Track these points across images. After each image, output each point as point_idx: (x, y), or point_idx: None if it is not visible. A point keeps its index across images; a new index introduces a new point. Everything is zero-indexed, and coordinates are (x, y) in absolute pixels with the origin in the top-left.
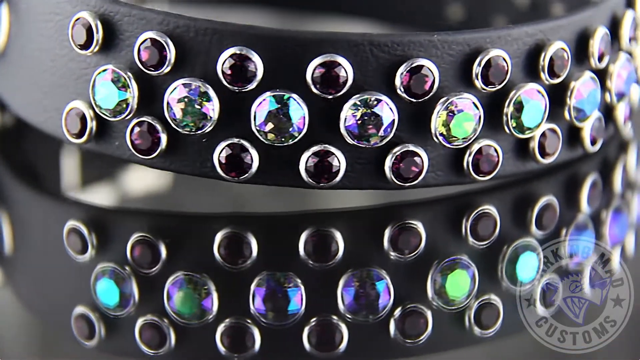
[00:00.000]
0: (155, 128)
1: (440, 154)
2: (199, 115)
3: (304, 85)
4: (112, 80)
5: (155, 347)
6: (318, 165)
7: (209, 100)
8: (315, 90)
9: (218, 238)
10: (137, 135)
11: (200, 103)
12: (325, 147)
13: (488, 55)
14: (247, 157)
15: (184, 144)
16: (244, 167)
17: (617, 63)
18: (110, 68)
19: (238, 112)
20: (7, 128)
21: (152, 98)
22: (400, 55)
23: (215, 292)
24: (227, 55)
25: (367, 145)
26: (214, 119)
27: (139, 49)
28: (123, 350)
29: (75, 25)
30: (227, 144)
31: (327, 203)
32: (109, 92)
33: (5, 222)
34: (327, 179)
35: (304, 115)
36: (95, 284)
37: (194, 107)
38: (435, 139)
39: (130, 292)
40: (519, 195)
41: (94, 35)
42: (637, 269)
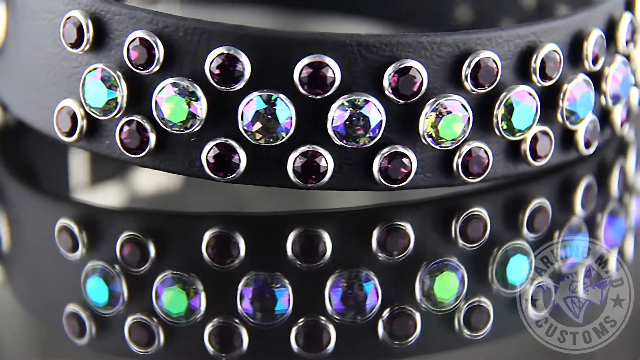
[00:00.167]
0: (144, 127)
1: (430, 156)
2: (187, 115)
3: (292, 86)
4: (101, 79)
5: (145, 345)
6: (305, 166)
7: (197, 100)
8: (303, 91)
9: (206, 238)
10: (126, 134)
11: (189, 102)
12: (313, 147)
13: (478, 57)
14: (235, 157)
15: (173, 143)
16: (232, 167)
17: (612, 66)
18: (100, 67)
19: (226, 111)
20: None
21: (141, 97)
22: (389, 56)
23: (204, 291)
24: (214, 55)
25: (355, 146)
26: (202, 119)
27: (128, 48)
28: (113, 349)
29: (67, 24)
30: (215, 144)
31: (316, 204)
32: (99, 90)
33: (2, 221)
34: (314, 180)
35: (291, 116)
36: (85, 283)
37: (182, 106)
38: (424, 141)
39: (120, 290)
40: (511, 198)
41: (85, 34)
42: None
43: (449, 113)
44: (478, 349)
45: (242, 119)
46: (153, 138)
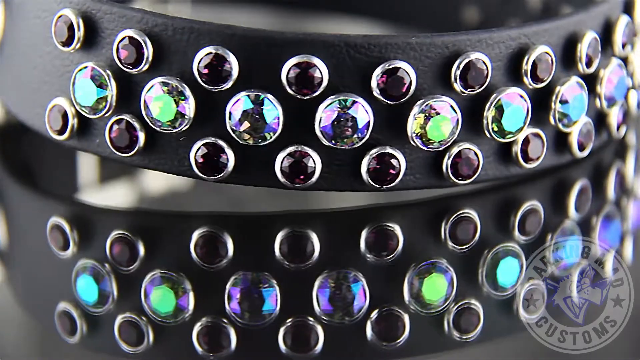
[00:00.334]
0: (134, 126)
1: (419, 157)
2: (176, 114)
3: (279, 86)
4: (91, 78)
5: (134, 344)
6: (293, 166)
7: (185, 99)
8: (290, 91)
9: (195, 237)
10: (115, 133)
11: (177, 102)
12: (301, 148)
13: (467, 58)
14: (223, 157)
15: (162, 143)
16: (220, 167)
17: (607, 68)
18: (90, 65)
19: (214, 111)
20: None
21: (130, 96)
22: (377, 57)
23: (192, 291)
24: (202, 54)
25: (343, 147)
26: (190, 118)
27: (118, 47)
28: (104, 348)
29: (58, 22)
30: (203, 143)
31: (304, 204)
32: (88, 89)
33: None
34: (302, 180)
35: (279, 116)
36: (76, 281)
37: (171, 105)
38: (413, 142)
39: (109, 289)
40: (503, 200)
41: (76, 33)
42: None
43: (438, 114)
44: (467, 351)
45: (230, 119)
46: (142, 137)
